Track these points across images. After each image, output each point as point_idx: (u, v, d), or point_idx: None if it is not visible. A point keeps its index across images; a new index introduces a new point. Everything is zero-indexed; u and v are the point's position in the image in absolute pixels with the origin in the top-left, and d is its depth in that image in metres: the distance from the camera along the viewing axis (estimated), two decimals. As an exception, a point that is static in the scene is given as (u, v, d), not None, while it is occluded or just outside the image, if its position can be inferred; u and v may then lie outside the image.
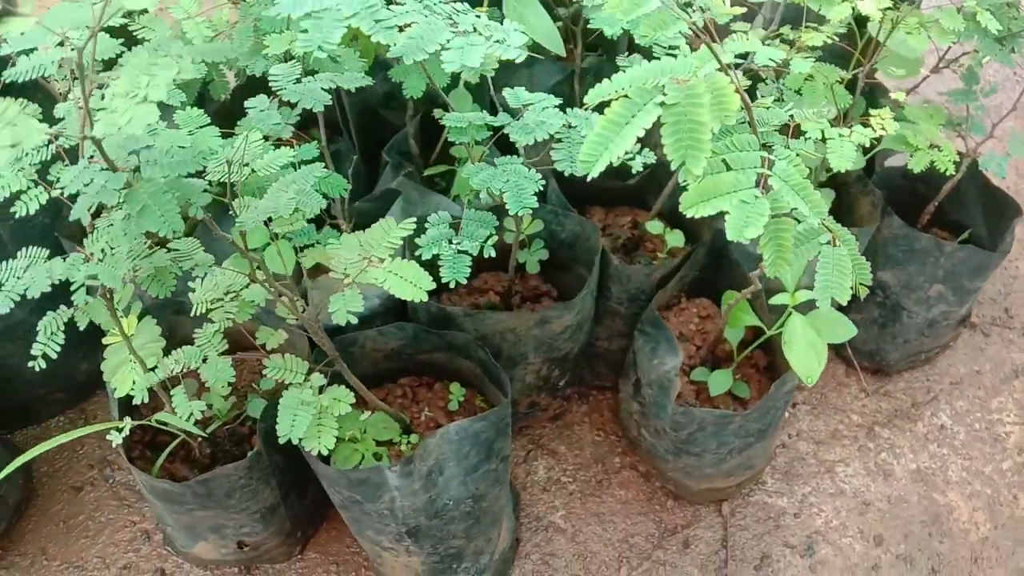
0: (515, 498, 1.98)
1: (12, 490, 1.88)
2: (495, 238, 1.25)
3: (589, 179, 0.89)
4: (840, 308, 2.22)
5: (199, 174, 1.00)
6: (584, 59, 2.23)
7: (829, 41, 1.73)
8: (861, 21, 1.85)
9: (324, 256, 1.45)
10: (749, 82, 1.70)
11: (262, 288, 1.31)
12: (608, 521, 2.00)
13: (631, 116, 0.86)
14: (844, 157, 1.60)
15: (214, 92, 1.78)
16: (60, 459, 2.05)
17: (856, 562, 1.98)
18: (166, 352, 1.39)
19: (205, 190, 1.05)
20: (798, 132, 1.20)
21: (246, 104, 1.25)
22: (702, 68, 0.95)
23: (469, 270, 1.24)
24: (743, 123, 1.03)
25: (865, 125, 1.75)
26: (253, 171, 1.22)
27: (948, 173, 1.95)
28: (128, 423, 1.41)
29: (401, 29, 0.98)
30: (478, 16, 1.12)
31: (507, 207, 1.19)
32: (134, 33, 1.49)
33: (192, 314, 1.33)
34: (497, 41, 1.02)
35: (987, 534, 2.06)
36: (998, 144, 2.56)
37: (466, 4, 1.13)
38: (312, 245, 1.49)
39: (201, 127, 1.25)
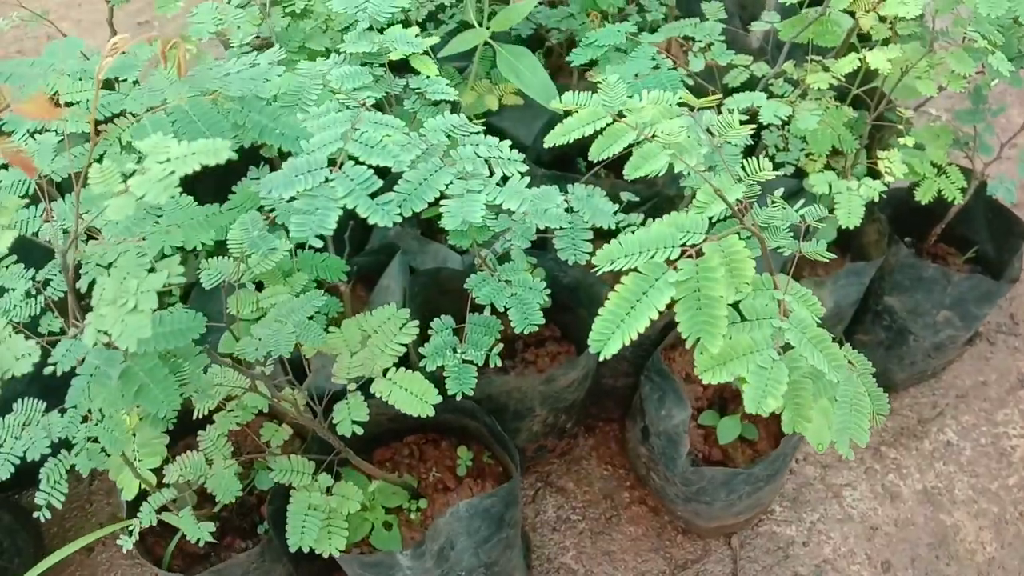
0: (526, 543, 1.98)
1: (24, 558, 1.88)
2: (500, 346, 1.22)
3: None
4: (848, 329, 2.21)
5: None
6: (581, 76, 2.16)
7: (835, 83, 1.67)
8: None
9: (326, 345, 1.42)
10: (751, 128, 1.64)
11: (263, 394, 1.28)
12: (619, 560, 2.01)
13: (643, 293, 0.82)
14: (854, 213, 1.57)
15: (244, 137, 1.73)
16: (71, 518, 2.05)
17: (865, 590, 2.00)
18: (172, 442, 1.37)
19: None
20: (807, 233, 1.16)
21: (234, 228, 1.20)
22: (710, 207, 0.92)
23: (475, 380, 1.21)
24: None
25: (872, 169, 1.71)
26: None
27: (955, 202, 1.92)
28: (137, 525, 1.40)
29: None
30: (475, 133, 1.08)
31: (512, 323, 1.16)
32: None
33: (194, 417, 1.31)
34: (499, 181, 0.98)
35: (994, 554, 2.07)
36: (1007, 163, 2.51)
37: (463, 121, 1.09)
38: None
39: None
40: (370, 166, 0.88)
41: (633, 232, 0.85)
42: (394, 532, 1.64)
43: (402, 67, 1.28)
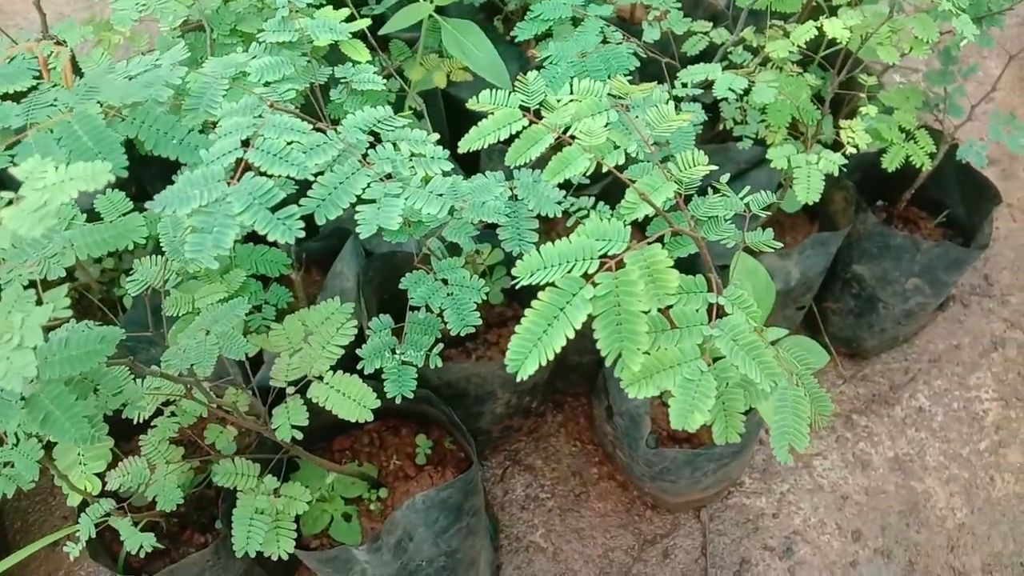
0: (494, 523, 1.97)
1: (-15, 554, 1.86)
2: (441, 346, 1.18)
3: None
4: (817, 297, 2.18)
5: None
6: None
7: (795, 51, 1.60)
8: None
9: (267, 343, 1.38)
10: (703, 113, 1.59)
11: (199, 401, 1.25)
12: (588, 536, 2.01)
13: (560, 309, 0.78)
14: (812, 189, 1.52)
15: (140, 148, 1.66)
16: (34, 512, 2.03)
17: (834, 560, 2.00)
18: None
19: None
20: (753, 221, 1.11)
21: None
22: (637, 209, 0.88)
23: (415, 382, 1.18)
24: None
25: (835, 142, 1.66)
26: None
27: (924, 167, 1.87)
28: (84, 530, 1.37)
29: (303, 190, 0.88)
30: (401, 127, 1.03)
31: (447, 324, 1.12)
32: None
33: (133, 423, 1.28)
34: (420, 184, 0.93)
35: (963, 520, 2.07)
36: (978, 125, 2.45)
37: (387, 114, 1.03)
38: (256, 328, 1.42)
39: (124, 214, 1.17)
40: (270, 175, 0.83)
41: (561, 242, 0.80)
42: (354, 523, 1.62)
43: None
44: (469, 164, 2.05)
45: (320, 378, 1.19)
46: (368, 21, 1.27)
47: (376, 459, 1.74)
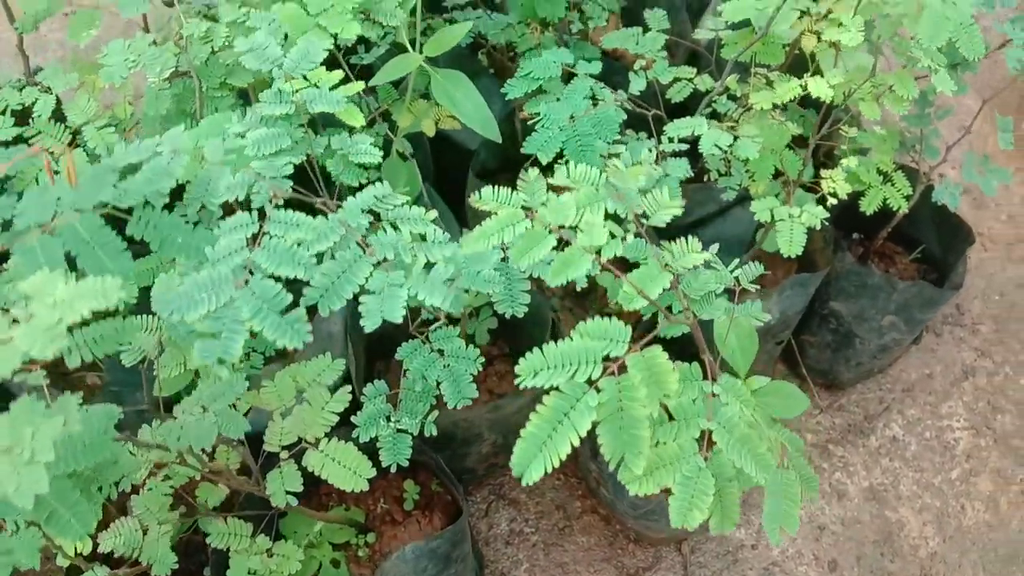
0: (479, 559, 1.99)
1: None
2: (435, 413, 1.20)
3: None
4: (795, 330, 2.22)
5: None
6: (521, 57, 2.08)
7: (780, 104, 1.63)
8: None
9: (258, 400, 1.39)
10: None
11: (192, 467, 1.25)
12: (572, 571, 2.03)
13: (564, 415, 0.80)
14: (795, 242, 1.55)
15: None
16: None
17: (812, 590, 2.05)
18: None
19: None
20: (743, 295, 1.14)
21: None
22: (634, 301, 0.90)
23: (411, 451, 1.19)
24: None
25: (813, 187, 1.69)
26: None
27: (900, 210, 1.91)
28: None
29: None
30: (400, 206, 1.04)
31: (445, 398, 1.13)
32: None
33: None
34: (422, 271, 0.94)
35: (936, 548, 2.13)
36: (953, 165, 2.51)
37: (386, 191, 1.04)
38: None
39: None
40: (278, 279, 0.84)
41: (555, 344, 0.82)
42: (342, 570, 1.63)
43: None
44: (456, 194, 2.06)
45: (316, 444, 1.20)
46: (362, 85, 1.28)
47: (363, 503, 1.75)
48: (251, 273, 0.83)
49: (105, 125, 1.54)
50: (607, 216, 0.96)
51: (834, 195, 1.65)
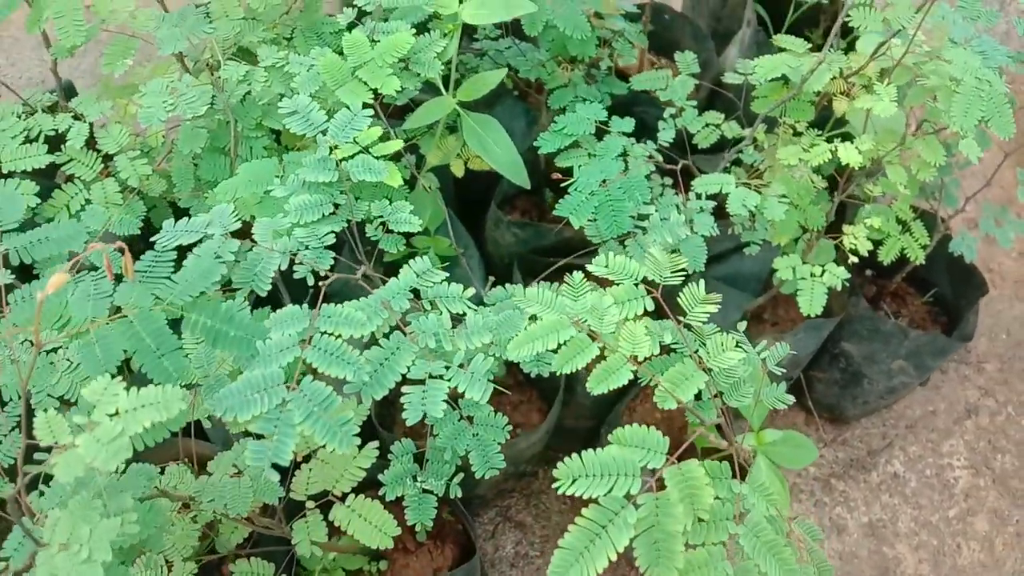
0: (485, 582, 2.03)
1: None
2: (461, 475, 1.23)
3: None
4: (807, 368, 2.25)
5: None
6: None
7: (805, 159, 1.64)
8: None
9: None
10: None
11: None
12: (574, 596, 2.07)
13: (603, 528, 0.83)
14: (815, 302, 1.58)
15: (156, 218, 1.67)
16: None
17: (808, 624, 2.09)
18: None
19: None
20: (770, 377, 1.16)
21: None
22: (668, 401, 0.92)
23: (435, 511, 1.22)
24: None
25: (835, 239, 1.71)
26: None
27: (918, 261, 1.93)
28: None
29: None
30: (440, 283, 1.06)
31: (473, 467, 1.16)
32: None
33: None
34: (460, 366, 0.97)
35: (930, 586, 2.18)
36: (970, 214, 2.52)
37: (426, 267, 1.06)
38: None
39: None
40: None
41: (594, 451, 0.85)
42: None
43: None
44: (473, 209, 2.07)
45: (342, 499, 1.23)
46: (401, 144, 1.29)
47: (377, 529, 1.78)
48: (303, 374, 0.85)
49: (138, 156, 1.55)
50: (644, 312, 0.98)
51: (855, 252, 1.67)
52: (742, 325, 1.22)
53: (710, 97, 2.29)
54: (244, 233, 1.57)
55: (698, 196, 1.53)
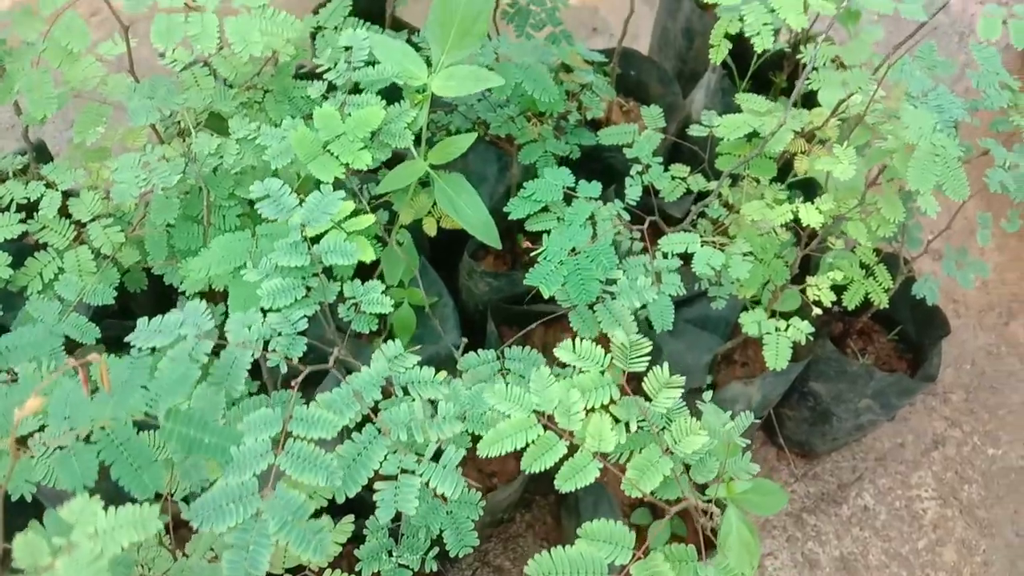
0: (463, 629, 2.05)
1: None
2: (436, 550, 1.25)
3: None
4: (777, 406, 2.29)
5: None
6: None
7: (768, 218, 1.68)
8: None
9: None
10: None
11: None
12: (553, 639, 2.10)
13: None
14: (781, 356, 1.61)
15: (131, 283, 1.67)
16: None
17: (782, 660, 2.13)
18: None
19: None
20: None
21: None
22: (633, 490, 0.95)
23: (412, 584, 1.24)
24: None
25: (800, 286, 1.75)
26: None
27: (882, 306, 1.98)
28: None
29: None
30: (411, 368, 1.08)
31: (447, 546, 1.18)
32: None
33: None
34: (433, 458, 0.99)
35: (901, 618, 2.22)
36: (937, 244, 2.58)
37: (397, 351, 1.09)
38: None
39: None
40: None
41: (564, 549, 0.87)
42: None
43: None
44: (447, 254, 2.09)
45: (319, 574, 1.24)
46: (373, 219, 1.31)
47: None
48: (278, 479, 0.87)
49: (111, 224, 1.56)
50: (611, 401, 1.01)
51: (819, 304, 1.71)
52: (708, 395, 1.25)
53: (678, 141, 2.33)
54: (219, 296, 1.59)
55: (665, 255, 1.57)
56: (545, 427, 0.92)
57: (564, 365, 1.06)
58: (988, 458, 2.50)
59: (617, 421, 1.00)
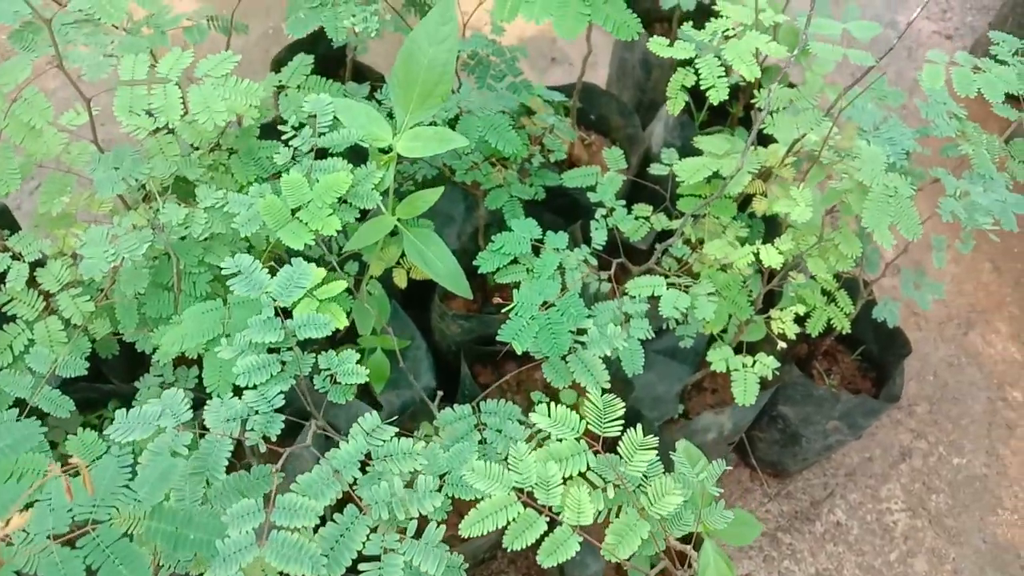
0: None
1: None
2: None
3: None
4: (749, 429, 2.34)
5: None
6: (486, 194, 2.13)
7: (733, 251, 1.73)
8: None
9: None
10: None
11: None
12: (539, 673, 2.12)
13: None
14: (749, 392, 1.66)
15: (102, 350, 1.67)
16: None
17: None
18: None
19: None
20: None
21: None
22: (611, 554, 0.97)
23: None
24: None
25: (765, 316, 1.79)
26: None
27: (844, 331, 2.03)
28: None
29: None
30: (391, 440, 1.10)
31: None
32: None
33: None
34: (415, 537, 1.01)
35: (877, 631, 2.28)
36: (899, 261, 2.65)
37: (375, 423, 1.10)
38: None
39: None
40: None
41: None
42: None
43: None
44: (420, 294, 2.11)
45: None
46: (344, 284, 1.33)
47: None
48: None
49: (80, 293, 1.56)
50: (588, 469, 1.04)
51: (783, 337, 1.76)
52: (684, 417, 1.29)
53: (640, 173, 2.38)
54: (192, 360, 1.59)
55: (632, 298, 1.60)
56: (525, 504, 0.94)
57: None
58: (953, 467, 2.57)
59: (594, 487, 1.03)
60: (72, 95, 1.56)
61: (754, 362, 1.68)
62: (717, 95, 1.50)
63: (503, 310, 1.46)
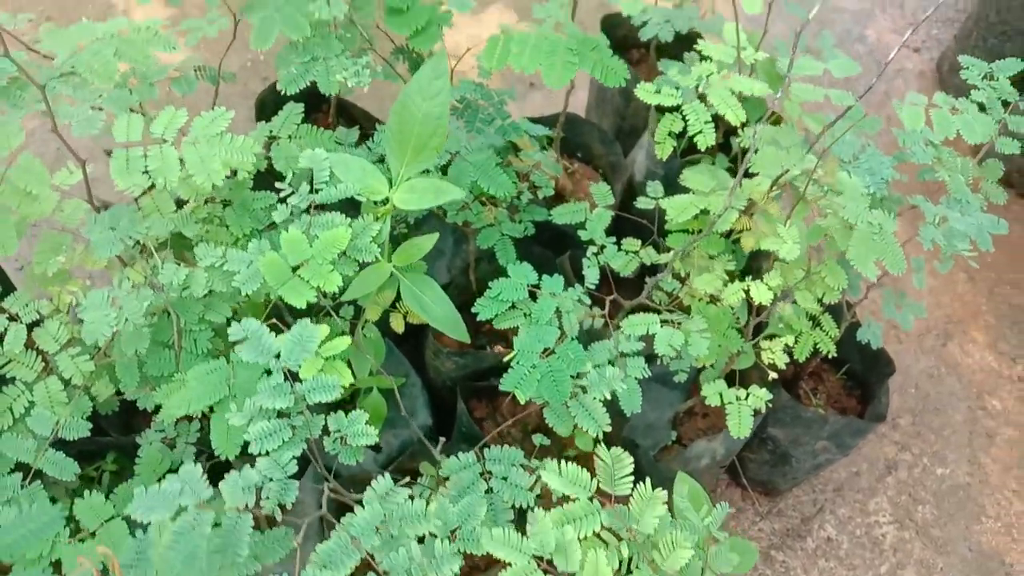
0: None
1: None
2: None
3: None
4: (740, 451, 2.38)
5: None
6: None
7: (721, 285, 1.76)
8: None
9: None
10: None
11: None
12: None
13: None
14: (743, 424, 1.69)
15: (102, 408, 1.67)
16: None
17: None
18: None
19: None
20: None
21: None
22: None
23: None
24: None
25: (755, 346, 1.83)
26: None
27: (831, 355, 2.08)
28: None
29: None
30: (406, 500, 1.12)
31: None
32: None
33: None
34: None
35: (871, 644, 2.33)
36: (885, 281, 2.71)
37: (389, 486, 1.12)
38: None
39: None
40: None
41: None
42: None
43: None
44: (414, 330, 2.12)
45: None
46: (348, 341, 1.35)
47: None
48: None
49: (79, 353, 1.56)
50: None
51: (773, 367, 1.80)
52: (678, 443, 1.32)
53: (624, 201, 2.41)
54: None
55: (627, 337, 1.63)
56: (545, 572, 0.97)
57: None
58: (938, 478, 2.63)
59: (606, 544, 1.06)
60: (60, 146, 1.56)
61: (747, 395, 1.72)
62: (705, 141, 1.54)
63: (504, 359, 1.48)
